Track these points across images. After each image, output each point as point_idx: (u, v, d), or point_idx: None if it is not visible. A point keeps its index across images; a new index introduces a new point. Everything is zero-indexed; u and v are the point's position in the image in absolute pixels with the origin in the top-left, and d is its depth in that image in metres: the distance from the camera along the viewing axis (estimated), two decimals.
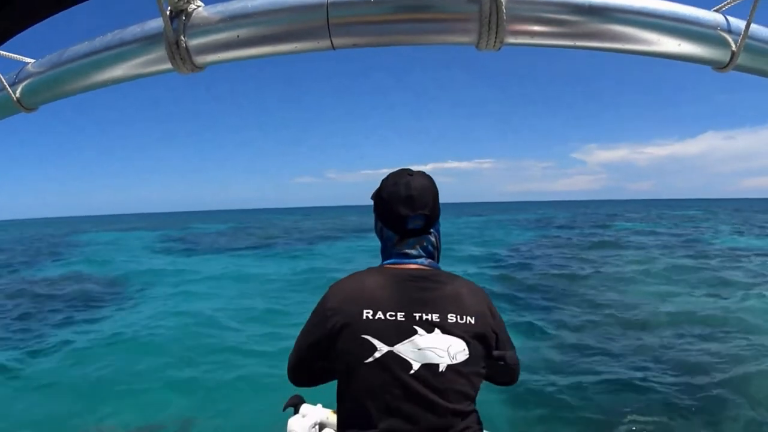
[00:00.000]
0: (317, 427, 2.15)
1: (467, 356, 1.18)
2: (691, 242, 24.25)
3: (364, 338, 1.15)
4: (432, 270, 1.27)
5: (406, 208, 1.24)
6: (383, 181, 1.33)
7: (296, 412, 2.10)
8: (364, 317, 1.16)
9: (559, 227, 38.31)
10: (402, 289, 1.20)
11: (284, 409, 2.13)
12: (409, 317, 1.16)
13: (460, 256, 19.09)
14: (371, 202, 1.36)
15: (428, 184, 1.29)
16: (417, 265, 1.26)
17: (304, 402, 2.09)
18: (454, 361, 1.16)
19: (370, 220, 1.38)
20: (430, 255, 1.29)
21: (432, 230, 1.29)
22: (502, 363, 1.27)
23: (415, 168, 1.32)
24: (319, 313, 1.24)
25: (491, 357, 1.25)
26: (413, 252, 1.27)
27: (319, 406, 2.19)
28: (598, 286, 12.85)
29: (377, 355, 1.14)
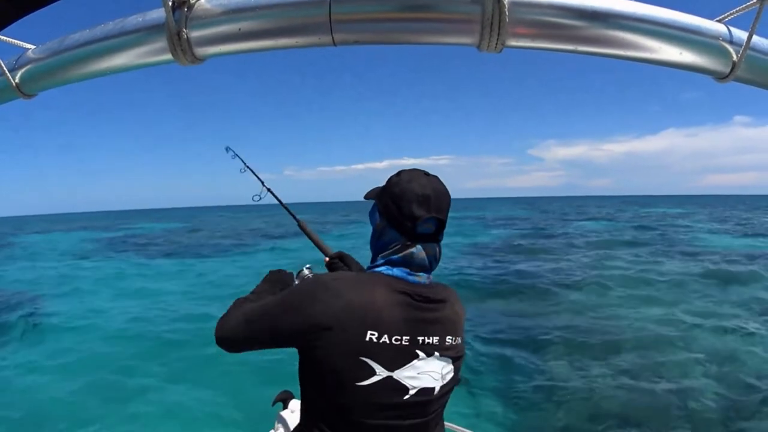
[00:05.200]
0: None
1: (452, 377, 1.18)
2: (654, 237, 24.68)
3: (362, 360, 1.07)
4: (435, 287, 1.19)
5: (420, 209, 1.13)
6: (394, 177, 1.22)
7: (285, 407, 2.10)
8: (368, 338, 1.06)
9: (518, 225, 38.33)
10: (411, 311, 1.12)
11: (273, 404, 2.13)
12: (413, 341, 1.10)
13: None
14: (319, 199, 1.20)
15: (445, 189, 1.20)
16: (424, 283, 1.17)
17: (293, 398, 2.09)
18: (444, 382, 1.16)
19: (310, 218, 1.21)
20: (431, 266, 1.20)
21: (440, 238, 1.20)
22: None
23: (370, 165, 1.17)
24: (305, 306, 1.09)
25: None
26: (417, 261, 1.16)
27: None
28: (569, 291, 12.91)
29: (375, 379, 1.07)
